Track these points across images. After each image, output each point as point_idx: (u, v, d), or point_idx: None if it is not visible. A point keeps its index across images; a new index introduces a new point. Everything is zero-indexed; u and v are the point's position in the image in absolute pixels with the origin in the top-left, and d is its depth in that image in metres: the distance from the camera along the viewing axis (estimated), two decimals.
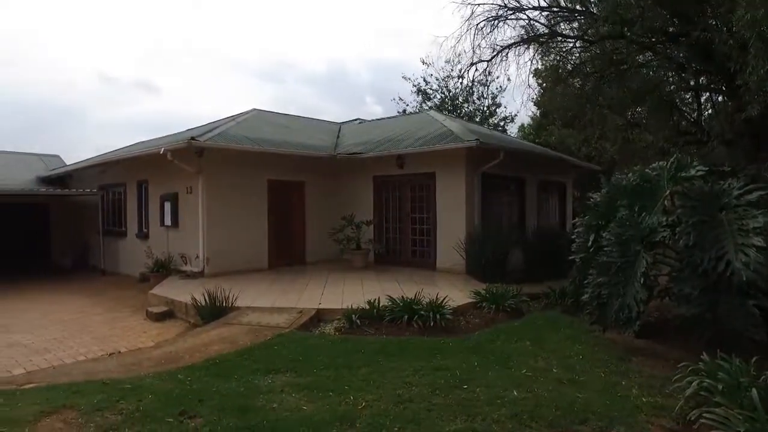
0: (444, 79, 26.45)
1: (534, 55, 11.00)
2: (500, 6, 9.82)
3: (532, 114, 24.21)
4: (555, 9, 10.30)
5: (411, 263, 11.14)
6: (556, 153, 14.93)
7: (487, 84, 13.74)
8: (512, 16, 10.07)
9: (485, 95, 26.26)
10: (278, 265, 11.15)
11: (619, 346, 5.31)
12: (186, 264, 10.27)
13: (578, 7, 9.98)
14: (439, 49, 30.06)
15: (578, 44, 10.98)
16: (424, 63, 26.68)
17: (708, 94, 11.97)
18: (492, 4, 9.83)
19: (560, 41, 11.15)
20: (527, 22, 10.32)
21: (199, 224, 9.99)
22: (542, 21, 10.44)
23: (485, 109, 27.30)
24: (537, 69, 12.84)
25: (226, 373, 4.49)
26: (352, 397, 3.87)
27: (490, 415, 3.54)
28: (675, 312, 5.72)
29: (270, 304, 7.20)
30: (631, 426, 3.43)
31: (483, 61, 10.43)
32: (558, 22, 10.69)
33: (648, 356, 5.00)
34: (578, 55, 11.33)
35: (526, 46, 10.57)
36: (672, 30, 8.94)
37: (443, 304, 6.39)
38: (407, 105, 28.06)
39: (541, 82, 15.39)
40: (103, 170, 13.35)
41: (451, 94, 27.08)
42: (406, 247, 11.45)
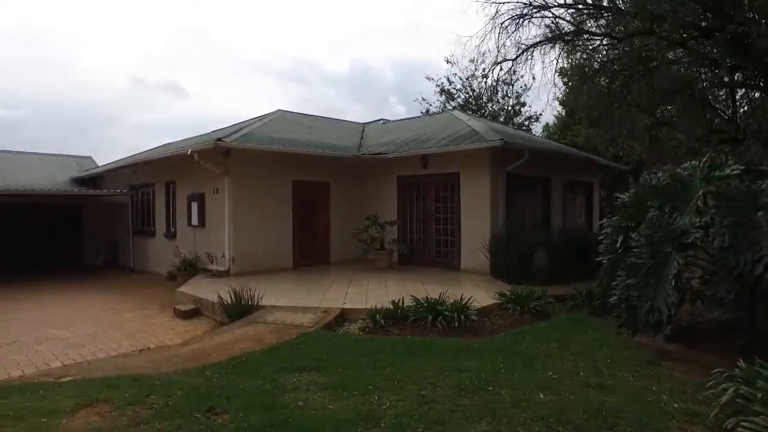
0: (468, 79, 26.29)
1: (560, 53, 10.85)
2: (525, 4, 9.71)
3: (557, 113, 23.89)
4: (581, 6, 10.12)
5: (435, 264, 11.10)
6: (582, 153, 14.68)
7: (512, 83, 13.63)
8: (537, 14, 9.94)
9: (509, 94, 26.00)
10: (302, 264, 11.26)
11: (649, 349, 5.18)
12: (212, 263, 10.45)
13: (605, 4, 9.78)
14: (463, 49, 29.76)
15: (605, 42, 10.76)
16: (448, 62, 26.61)
17: (743, 90, 11.57)
18: (517, 2, 9.73)
19: (586, 39, 10.95)
20: (552, 20, 10.17)
21: (225, 224, 10.16)
22: (568, 18, 10.28)
23: (509, 108, 27.03)
24: (563, 67, 12.67)
25: (251, 371, 4.54)
26: (376, 397, 3.87)
27: (515, 417, 3.50)
28: (708, 316, 5.55)
29: (295, 303, 7.27)
30: None
31: (508, 60, 10.34)
32: (584, 20, 10.51)
33: (679, 361, 4.86)
34: (605, 52, 11.10)
35: (551, 44, 10.42)
36: (705, 25, 8.68)
37: (468, 304, 6.35)
38: (430, 105, 28.01)
39: (566, 80, 15.15)
40: (133, 171, 13.70)
41: (474, 93, 26.90)
42: (430, 247, 11.42)
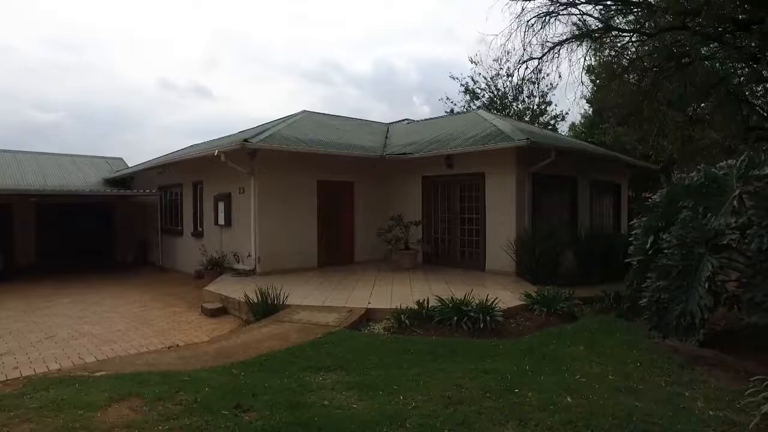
0: (492, 78, 26.06)
1: (587, 51, 10.65)
2: (551, 2, 9.57)
3: (584, 112, 23.49)
4: (609, 2, 9.91)
5: (460, 264, 11.03)
6: (611, 152, 14.35)
7: (538, 82, 13.41)
8: (564, 12, 9.79)
9: (535, 93, 25.65)
10: (327, 264, 11.34)
11: (681, 354, 5.02)
12: (238, 262, 10.62)
13: None
14: (488, 48, 29.78)
15: (634, 38, 10.51)
16: (472, 62, 26.46)
17: None
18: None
19: (615, 36, 10.72)
20: (580, 17, 10.01)
21: (251, 223, 10.31)
22: (595, 15, 10.09)
23: (535, 107, 26.66)
24: (590, 65, 12.42)
25: (277, 370, 4.60)
26: (401, 397, 3.87)
27: (543, 421, 3.45)
28: (745, 321, 5.36)
29: (320, 302, 7.32)
30: None
31: (534, 58, 10.22)
32: (612, 16, 10.29)
33: (714, 366, 4.69)
34: (634, 49, 10.85)
35: (578, 41, 10.24)
36: (743, 17, 8.37)
37: (493, 305, 6.29)
38: (455, 105, 27.86)
39: (594, 78, 14.87)
40: (161, 172, 14.03)
41: (499, 93, 26.63)
42: (454, 247, 11.35)
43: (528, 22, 9.71)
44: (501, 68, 22.99)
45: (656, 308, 5.10)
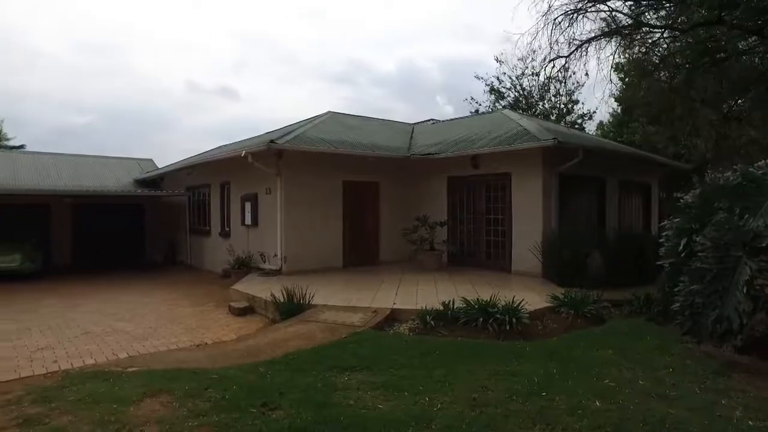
0: (517, 78, 25.75)
1: (616, 48, 10.41)
2: None
3: (612, 111, 22.97)
4: None
5: (485, 265, 10.94)
6: (640, 151, 14.00)
7: (565, 80, 13.19)
8: (592, 9, 9.59)
9: (561, 92, 25.23)
10: (352, 264, 11.39)
11: (717, 360, 4.86)
12: (265, 262, 10.77)
13: None
14: (514, 47, 29.37)
15: (666, 34, 10.22)
16: (497, 61, 26.18)
17: None
18: None
19: (646, 32, 10.44)
20: (609, 13, 9.79)
21: (277, 223, 10.44)
22: (625, 11, 9.84)
23: (561, 106, 26.23)
24: (618, 63, 12.14)
25: (303, 369, 4.63)
26: (427, 398, 3.86)
27: (571, 425, 3.39)
28: None
29: (345, 302, 7.36)
30: None
31: (561, 57, 10.04)
32: (643, 12, 10.02)
33: (753, 374, 4.52)
34: (666, 46, 10.55)
35: (607, 39, 10.02)
36: None
37: (519, 307, 6.21)
38: (479, 104, 27.64)
39: (623, 76, 14.54)
40: (190, 172, 14.34)
41: (525, 92, 26.29)
42: (480, 248, 11.26)
43: (555, 20, 9.56)
44: (526, 67, 22.70)
45: (690, 313, 4.94)
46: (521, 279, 9.51)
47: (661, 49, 10.66)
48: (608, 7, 9.62)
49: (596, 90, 27.61)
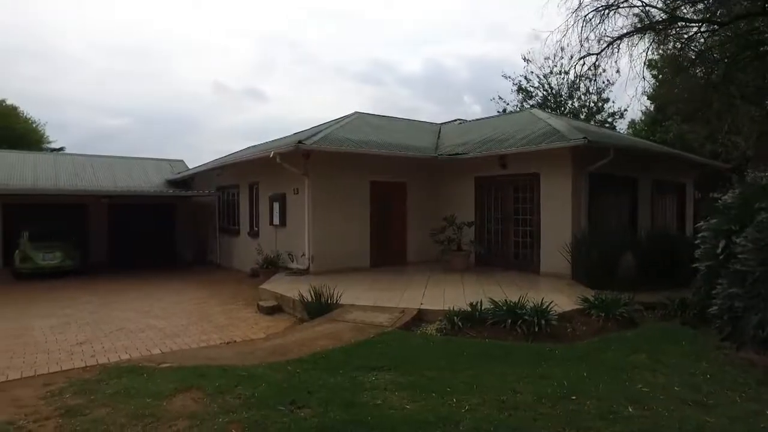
0: (545, 77, 25.33)
1: (649, 44, 10.12)
2: None
3: (644, 109, 22.37)
4: None
5: (513, 266, 10.81)
6: (674, 150, 13.56)
7: (595, 78, 12.90)
8: (624, 4, 9.37)
9: (591, 90, 24.68)
10: (379, 264, 11.42)
11: (759, 368, 4.66)
12: (292, 261, 10.90)
13: None
14: (543, 45, 29.01)
15: (703, 28, 9.87)
16: (525, 60, 25.84)
17: None
18: None
19: (681, 27, 10.11)
20: (642, 8, 9.52)
21: (305, 223, 10.55)
22: (659, 6, 9.56)
23: (591, 105, 25.66)
24: (652, 59, 11.80)
25: (331, 368, 4.66)
26: (454, 400, 3.84)
27: (601, 431, 3.32)
28: None
29: (372, 302, 7.38)
30: None
31: (592, 54, 9.84)
32: (678, 6, 9.71)
33: None
34: (703, 40, 10.19)
35: (640, 35, 9.75)
36: None
37: (548, 309, 6.11)
38: (507, 104, 27.32)
39: (656, 73, 14.12)
40: (219, 173, 14.64)
41: (553, 91, 25.84)
42: (508, 249, 11.13)
43: (585, 16, 9.38)
44: (555, 66, 22.34)
45: (729, 317, 4.79)
46: (550, 280, 9.35)
47: (697, 44, 10.31)
48: (641, 2, 9.37)
49: (628, 88, 27.01)
